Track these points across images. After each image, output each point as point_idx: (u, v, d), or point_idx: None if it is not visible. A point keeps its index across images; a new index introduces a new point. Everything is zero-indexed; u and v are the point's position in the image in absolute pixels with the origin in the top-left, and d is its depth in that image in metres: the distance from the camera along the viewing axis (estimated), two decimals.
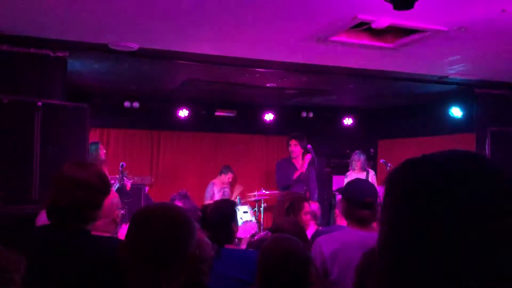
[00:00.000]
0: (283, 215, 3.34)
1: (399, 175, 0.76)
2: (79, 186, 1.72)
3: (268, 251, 2.00)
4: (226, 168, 7.77)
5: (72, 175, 1.74)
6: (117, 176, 6.62)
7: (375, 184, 6.91)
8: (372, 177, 6.87)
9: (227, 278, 2.42)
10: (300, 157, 5.97)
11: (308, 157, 5.88)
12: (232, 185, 7.95)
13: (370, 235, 2.60)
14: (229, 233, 2.90)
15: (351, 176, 6.59)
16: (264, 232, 3.44)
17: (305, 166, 5.90)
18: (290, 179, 5.84)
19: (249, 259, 2.60)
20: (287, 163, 6.00)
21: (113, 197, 2.20)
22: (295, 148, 5.89)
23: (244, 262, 2.57)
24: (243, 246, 4.38)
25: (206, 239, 2.07)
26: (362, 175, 6.52)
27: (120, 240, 2.11)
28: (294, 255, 1.95)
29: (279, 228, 2.71)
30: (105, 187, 1.81)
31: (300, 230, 2.75)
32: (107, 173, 2.34)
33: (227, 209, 3.02)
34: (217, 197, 7.50)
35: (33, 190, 3.79)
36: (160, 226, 1.31)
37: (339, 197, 4.12)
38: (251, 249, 2.99)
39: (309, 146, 5.83)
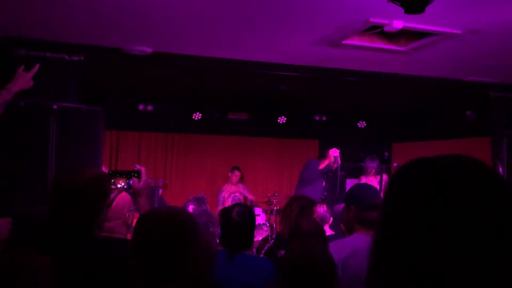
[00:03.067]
0: (293, 221, 3.22)
1: (411, 173, 0.79)
2: (73, 198, 1.69)
3: (293, 257, 1.99)
4: (232, 168, 7.81)
5: (66, 185, 1.70)
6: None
7: None
8: (385, 181, 6.81)
9: (239, 282, 2.43)
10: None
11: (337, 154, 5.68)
12: (241, 183, 7.96)
13: None
14: (251, 239, 2.86)
15: (364, 181, 6.55)
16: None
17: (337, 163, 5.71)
18: (318, 171, 5.62)
19: (262, 265, 2.60)
20: (317, 164, 5.82)
21: (124, 199, 2.22)
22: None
23: (257, 269, 2.54)
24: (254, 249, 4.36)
25: None
26: (376, 180, 6.46)
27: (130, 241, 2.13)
28: (320, 263, 1.94)
29: (298, 230, 2.66)
30: (101, 195, 1.76)
31: (319, 231, 2.70)
32: None
33: (252, 215, 2.97)
34: (229, 202, 7.50)
35: (49, 191, 3.84)
36: (163, 229, 1.31)
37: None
38: (263, 257, 2.96)
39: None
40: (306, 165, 5.79)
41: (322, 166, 5.66)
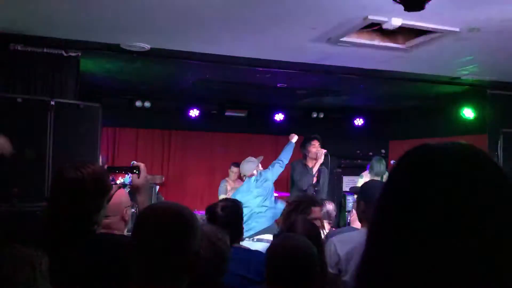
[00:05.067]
0: (287, 219, 3.23)
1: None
2: (74, 193, 1.68)
3: (275, 248, 2.06)
4: (232, 164, 7.82)
5: (67, 181, 1.69)
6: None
7: None
8: (385, 178, 6.81)
9: (234, 275, 2.47)
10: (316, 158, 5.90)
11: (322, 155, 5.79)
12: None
13: None
14: (240, 232, 2.92)
15: (366, 176, 6.57)
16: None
17: (317, 166, 5.83)
18: (310, 182, 5.77)
19: (255, 258, 2.67)
20: (303, 166, 5.94)
21: (121, 195, 2.22)
22: (319, 148, 5.84)
23: (251, 261, 2.63)
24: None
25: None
26: (377, 177, 6.46)
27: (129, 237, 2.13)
28: (300, 252, 1.99)
29: (291, 228, 2.69)
30: (102, 191, 1.75)
31: (312, 230, 2.72)
32: None
33: (238, 208, 3.03)
34: (230, 195, 7.52)
35: (46, 188, 3.84)
36: (162, 225, 1.32)
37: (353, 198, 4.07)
38: (256, 249, 3.03)
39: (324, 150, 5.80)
40: (296, 172, 5.85)
41: (315, 169, 5.74)
